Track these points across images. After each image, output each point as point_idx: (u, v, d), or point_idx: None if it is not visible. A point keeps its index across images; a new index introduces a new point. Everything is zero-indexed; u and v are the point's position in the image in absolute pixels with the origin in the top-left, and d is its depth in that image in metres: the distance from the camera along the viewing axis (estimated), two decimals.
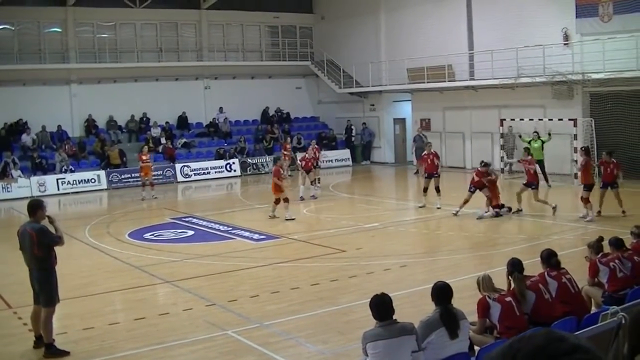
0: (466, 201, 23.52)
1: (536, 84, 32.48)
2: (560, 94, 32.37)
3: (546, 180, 29.53)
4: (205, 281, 16.60)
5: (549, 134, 30.23)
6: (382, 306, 8.07)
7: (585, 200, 21.86)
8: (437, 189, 25.54)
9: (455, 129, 39.08)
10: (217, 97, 44.65)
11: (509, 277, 9.98)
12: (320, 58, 47.09)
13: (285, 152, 33.82)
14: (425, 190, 25.78)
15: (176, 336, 12.34)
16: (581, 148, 24.81)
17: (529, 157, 24.35)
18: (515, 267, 9.92)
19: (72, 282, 16.76)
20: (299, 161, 31.68)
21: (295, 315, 13.36)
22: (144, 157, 31.99)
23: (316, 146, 33.14)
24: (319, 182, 31.19)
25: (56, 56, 40.27)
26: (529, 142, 29.58)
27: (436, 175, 25.57)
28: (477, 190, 23.48)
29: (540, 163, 29.52)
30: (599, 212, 22.23)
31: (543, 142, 29.97)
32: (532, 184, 23.35)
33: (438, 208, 25.37)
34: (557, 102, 32.61)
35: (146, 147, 34.40)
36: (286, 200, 24.65)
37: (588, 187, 21.94)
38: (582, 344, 1.69)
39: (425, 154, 26.20)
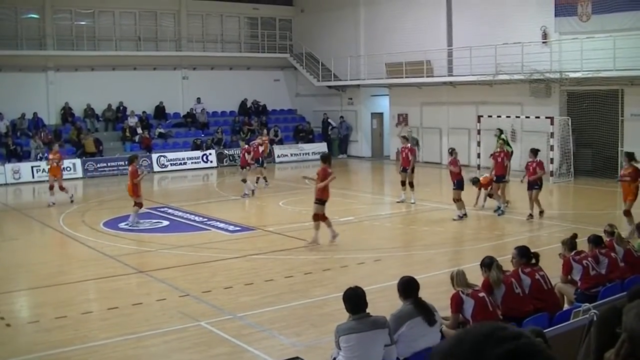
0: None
1: (514, 82, 32.59)
2: (538, 92, 32.56)
3: None
4: (180, 272, 16.57)
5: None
6: (355, 299, 8.10)
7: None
8: (411, 184, 25.68)
9: (433, 125, 39.17)
10: (195, 88, 44.50)
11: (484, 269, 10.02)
12: (299, 51, 47.04)
13: (262, 143, 33.43)
14: (403, 184, 25.92)
15: (149, 326, 12.31)
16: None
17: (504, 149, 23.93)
18: (493, 259, 10.01)
19: (45, 271, 16.71)
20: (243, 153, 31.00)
21: (269, 307, 13.36)
22: (50, 157, 28.09)
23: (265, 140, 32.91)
24: (265, 181, 30.78)
25: (33, 43, 39.94)
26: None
27: (408, 170, 25.74)
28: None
29: None
30: (541, 212, 21.71)
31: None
32: (501, 176, 23.09)
33: (412, 203, 25.48)
34: (534, 100, 32.79)
35: (57, 144, 30.71)
36: (140, 205, 22.43)
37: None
38: (524, 332, 1.84)
39: (402, 147, 26.36)
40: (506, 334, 1.85)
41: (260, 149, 30.85)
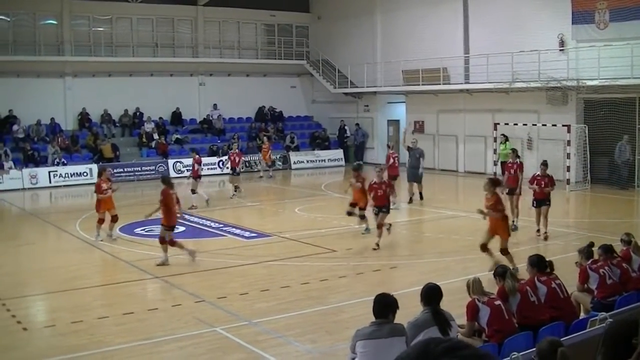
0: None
1: (531, 89, 32.51)
2: (555, 100, 32.46)
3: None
4: (195, 277, 16.60)
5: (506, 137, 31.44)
6: (380, 304, 8.14)
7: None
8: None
9: (449, 132, 39.10)
10: (212, 94, 44.61)
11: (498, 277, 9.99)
12: (315, 57, 47.10)
13: (238, 153, 31.91)
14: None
15: (165, 332, 12.33)
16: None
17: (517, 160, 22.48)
18: (506, 268, 9.97)
19: (61, 276, 16.76)
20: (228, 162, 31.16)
21: (284, 314, 13.36)
22: None
23: (237, 151, 32.03)
24: (238, 190, 30.43)
25: (51, 48, 40.14)
26: (500, 145, 30.89)
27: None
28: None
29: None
30: (539, 230, 20.45)
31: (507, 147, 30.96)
32: (516, 188, 21.76)
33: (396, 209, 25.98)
34: (551, 108, 32.69)
35: None
36: (100, 221, 21.16)
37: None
38: (453, 337, 2.33)
39: (391, 153, 27.56)
40: (442, 339, 2.39)
41: (237, 158, 30.77)
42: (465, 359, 2.23)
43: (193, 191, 27.90)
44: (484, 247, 16.38)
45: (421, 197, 27.51)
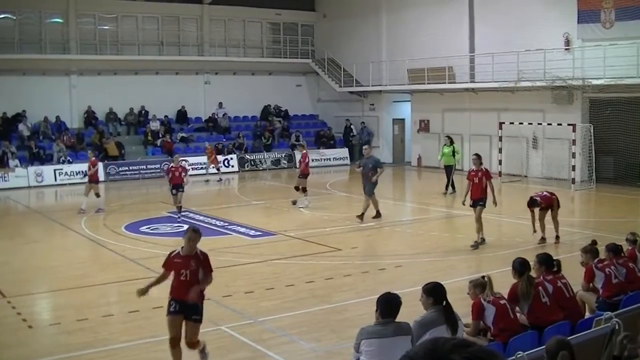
0: None
1: (536, 88, 32.47)
2: (560, 99, 32.42)
3: (452, 187, 30.12)
4: None
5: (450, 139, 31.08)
6: (386, 304, 8.10)
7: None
8: (304, 189, 26.87)
9: (454, 131, 38.98)
10: (217, 92, 44.62)
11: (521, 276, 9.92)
12: (321, 56, 47.08)
13: (182, 166, 26.26)
14: (297, 189, 26.91)
15: None
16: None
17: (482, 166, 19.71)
18: (526, 266, 9.93)
19: (67, 273, 16.80)
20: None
21: (289, 312, 13.38)
22: None
23: (181, 164, 26.66)
24: (179, 210, 25.07)
25: (57, 47, 40.18)
26: (443, 147, 30.96)
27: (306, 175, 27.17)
28: None
29: (449, 169, 29.99)
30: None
31: (454, 149, 30.41)
32: (479, 200, 19.42)
33: (301, 208, 26.53)
34: (556, 107, 32.65)
35: None
36: None
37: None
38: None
39: (304, 153, 27.99)
40: (449, 337, 2.41)
41: (183, 174, 25.13)
42: (474, 355, 2.23)
43: (97, 195, 26.92)
44: None
45: (361, 217, 23.44)
